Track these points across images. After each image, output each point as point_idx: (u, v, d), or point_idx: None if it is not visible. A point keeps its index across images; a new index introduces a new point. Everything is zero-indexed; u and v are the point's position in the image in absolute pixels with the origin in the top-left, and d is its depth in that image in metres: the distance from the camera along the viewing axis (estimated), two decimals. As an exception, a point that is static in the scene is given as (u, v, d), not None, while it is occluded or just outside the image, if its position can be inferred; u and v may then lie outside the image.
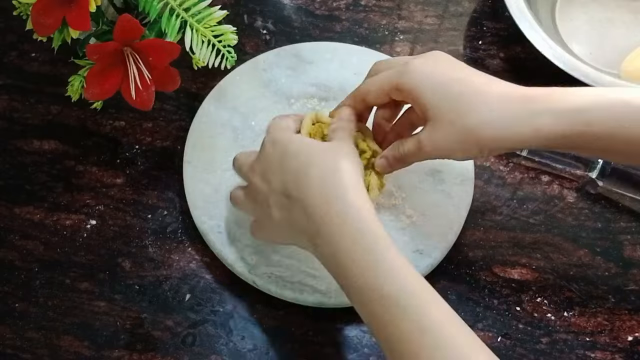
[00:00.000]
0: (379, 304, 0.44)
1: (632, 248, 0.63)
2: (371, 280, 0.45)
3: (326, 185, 0.48)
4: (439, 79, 0.51)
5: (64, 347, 0.59)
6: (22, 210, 0.65)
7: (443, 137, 0.50)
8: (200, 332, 0.60)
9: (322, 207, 0.48)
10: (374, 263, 0.45)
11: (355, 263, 0.46)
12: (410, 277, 0.45)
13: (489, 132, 0.49)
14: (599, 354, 0.59)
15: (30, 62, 0.73)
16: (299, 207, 0.49)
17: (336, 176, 0.49)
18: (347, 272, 0.46)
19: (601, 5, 0.76)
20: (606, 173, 0.63)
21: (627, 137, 0.47)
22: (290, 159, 0.50)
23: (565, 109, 0.48)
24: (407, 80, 0.51)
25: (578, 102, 0.48)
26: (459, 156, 0.52)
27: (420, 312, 0.43)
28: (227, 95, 0.68)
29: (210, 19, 0.60)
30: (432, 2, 0.77)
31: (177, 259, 0.63)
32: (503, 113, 0.49)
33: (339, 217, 0.47)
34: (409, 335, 0.43)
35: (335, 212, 0.47)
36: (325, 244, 0.48)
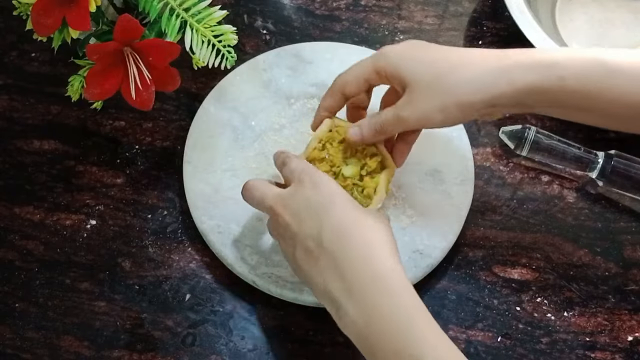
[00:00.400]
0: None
1: (632, 248, 0.63)
2: (405, 349, 0.44)
3: (367, 248, 0.47)
4: (415, 54, 0.52)
5: (64, 347, 0.59)
6: (22, 210, 0.65)
7: (421, 101, 0.51)
8: (200, 332, 0.60)
9: (359, 270, 0.46)
10: (412, 333, 0.44)
11: (390, 332, 0.44)
12: (443, 346, 0.44)
13: (465, 89, 0.50)
14: (599, 354, 0.59)
15: (30, 62, 0.73)
16: (330, 263, 0.47)
17: (377, 241, 0.48)
18: (379, 340, 0.45)
19: (601, 5, 0.76)
20: (606, 173, 0.63)
21: (601, 95, 0.48)
22: (334, 211, 0.49)
23: (538, 62, 0.49)
24: (385, 60, 0.53)
25: (551, 57, 0.49)
26: (438, 119, 0.52)
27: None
28: (227, 95, 0.68)
29: (210, 19, 0.60)
30: (432, 2, 0.77)
31: (177, 259, 0.63)
32: (478, 70, 0.50)
33: (376, 282, 0.46)
34: None
35: (374, 276, 0.46)
36: (356, 307, 0.46)
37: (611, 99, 0.48)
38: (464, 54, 0.52)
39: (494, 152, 0.68)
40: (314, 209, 0.49)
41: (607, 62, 0.48)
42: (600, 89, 0.48)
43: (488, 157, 0.67)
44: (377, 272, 0.46)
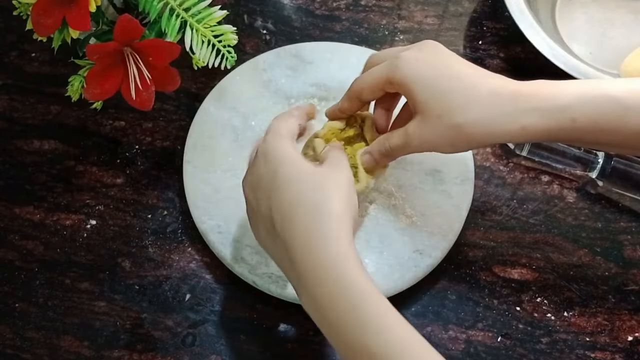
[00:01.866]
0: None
1: (632, 248, 0.63)
2: (357, 337, 0.42)
3: (310, 232, 0.45)
4: (429, 74, 0.51)
5: (64, 347, 0.59)
6: (22, 210, 0.65)
7: (430, 132, 0.51)
8: (200, 332, 0.60)
9: (304, 256, 0.45)
10: (360, 320, 0.42)
11: (340, 319, 0.43)
12: (397, 331, 0.43)
13: (477, 129, 0.49)
14: (599, 354, 0.59)
15: (30, 62, 0.73)
16: (282, 246, 0.47)
17: (323, 221, 0.45)
18: (330, 326, 0.44)
19: (601, 5, 0.76)
20: (606, 173, 0.63)
21: (611, 130, 0.48)
22: (278, 189, 0.48)
23: (551, 106, 0.48)
24: (399, 74, 0.51)
25: (563, 99, 0.48)
26: (446, 150, 0.52)
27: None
28: (227, 95, 0.68)
29: (210, 19, 0.60)
30: (432, 2, 0.77)
31: (177, 259, 0.63)
32: (491, 111, 0.49)
33: (321, 270, 0.44)
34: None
35: (318, 264, 0.44)
36: (307, 295, 0.45)
37: (627, 135, 0.48)
38: (478, 84, 0.50)
39: (494, 152, 0.68)
40: (263, 184, 0.49)
41: (620, 100, 0.47)
42: (615, 127, 0.48)
43: (488, 157, 0.67)
44: (321, 260, 0.44)
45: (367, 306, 0.43)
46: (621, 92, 0.48)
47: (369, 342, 0.42)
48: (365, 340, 0.42)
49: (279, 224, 0.47)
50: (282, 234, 0.47)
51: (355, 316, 0.43)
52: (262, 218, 0.49)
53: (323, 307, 0.44)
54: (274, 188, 0.48)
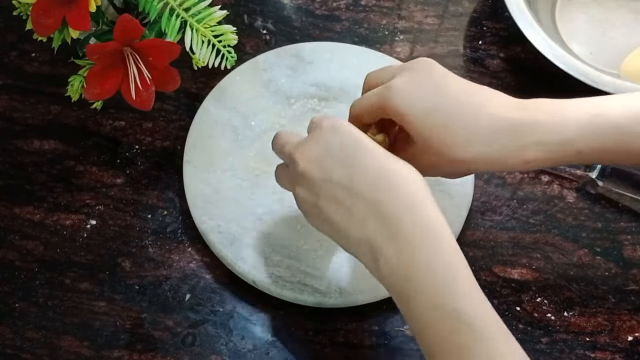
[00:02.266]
0: (451, 325, 0.42)
1: (632, 248, 0.63)
2: (446, 300, 0.42)
3: (409, 193, 0.45)
4: (424, 106, 0.49)
5: (64, 347, 0.59)
6: (22, 210, 0.65)
7: (431, 165, 0.50)
8: (200, 332, 0.60)
9: (404, 215, 0.44)
10: (452, 281, 0.43)
11: (432, 279, 0.43)
12: (485, 304, 0.43)
13: (479, 164, 0.49)
14: (599, 354, 0.59)
15: (30, 62, 0.73)
16: (369, 209, 0.45)
17: (418, 186, 0.46)
18: (420, 286, 0.43)
19: (601, 5, 0.76)
20: (606, 173, 0.63)
21: (615, 154, 0.48)
22: (365, 155, 0.47)
23: (553, 140, 0.48)
24: (390, 105, 0.50)
25: (566, 131, 0.48)
26: (448, 177, 0.53)
27: (494, 338, 0.42)
28: (227, 95, 0.68)
29: (210, 19, 0.60)
30: (432, 2, 0.77)
31: (177, 259, 0.63)
32: (492, 147, 0.48)
33: (421, 228, 0.44)
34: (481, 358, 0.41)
35: (419, 222, 0.44)
36: (397, 253, 0.44)
37: (631, 156, 0.48)
38: (478, 116, 0.49)
39: (494, 152, 0.68)
40: (338, 155, 0.47)
41: (622, 127, 0.47)
42: (618, 152, 0.48)
43: (488, 157, 0.67)
44: (423, 219, 0.45)
45: (460, 273, 0.43)
46: (621, 118, 0.47)
47: (459, 308, 0.42)
48: (457, 305, 0.42)
49: (366, 187, 0.46)
50: (373, 194, 0.45)
51: (449, 279, 0.43)
52: (333, 186, 0.47)
53: (416, 267, 0.43)
54: (356, 155, 0.47)
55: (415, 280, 0.43)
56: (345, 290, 0.59)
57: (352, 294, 0.59)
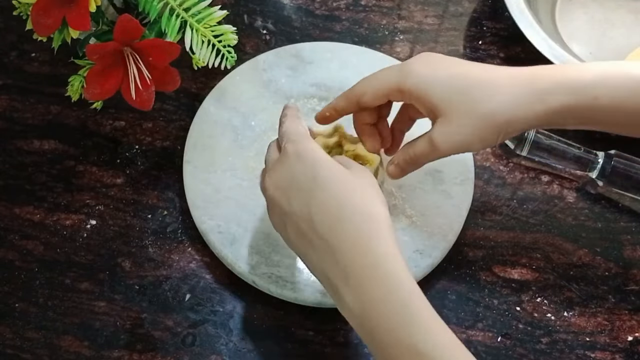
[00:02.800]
0: (410, 359, 0.42)
1: (632, 248, 0.63)
2: (404, 335, 0.42)
3: (360, 232, 0.45)
4: (443, 75, 0.51)
5: (64, 347, 0.59)
6: (22, 210, 0.65)
7: (458, 131, 0.50)
8: (200, 332, 0.60)
9: (355, 257, 0.45)
10: (409, 318, 0.43)
11: (387, 318, 0.43)
12: (444, 334, 0.43)
13: (504, 116, 0.49)
14: (599, 354, 0.59)
15: (30, 62, 0.73)
16: (325, 248, 0.46)
17: (372, 221, 0.46)
18: (376, 325, 0.44)
19: (601, 5, 0.76)
20: (606, 173, 0.63)
21: (630, 110, 0.49)
22: (321, 190, 0.47)
23: (573, 84, 0.49)
24: (410, 82, 0.51)
25: (585, 77, 0.49)
26: (476, 147, 0.51)
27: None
28: (227, 95, 0.68)
29: (210, 19, 0.60)
30: (432, 2, 0.77)
31: (177, 259, 0.63)
32: (514, 95, 0.49)
33: (371, 269, 0.44)
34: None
35: (369, 263, 0.44)
36: (352, 293, 0.45)
37: (637, 112, 0.48)
38: (493, 75, 0.50)
39: (494, 152, 0.68)
40: (299, 185, 0.48)
41: (636, 76, 0.48)
42: (635, 104, 0.48)
43: (488, 157, 0.67)
44: (372, 259, 0.45)
45: (416, 307, 0.43)
46: (637, 69, 0.48)
47: (416, 342, 0.42)
48: (414, 340, 0.42)
49: (322, 225, 0.46)
50: (327, 234, 0.46)
51: (404, 315, 0.43)
52: (297, 219, 0.47)
53: (370, 307, 0.44)
54: (315, 189, 0.47)
55: (372, 319, 0.44)
56: (345, 290, 0.59)
57: (352, 294, 0.59)
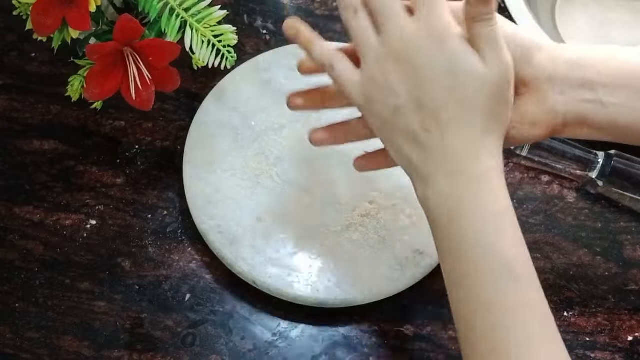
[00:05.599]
0: (487, 263, 0.43)
1: (632, 248, 0.63)
2: (479, 237, 0.44)
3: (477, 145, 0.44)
4: None
5: (64, 347, 0.59)
6: (22, 210, 0.65)
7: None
8: (200, 332, 0.60)
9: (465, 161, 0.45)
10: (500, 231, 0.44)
11: (480, 222, 0.44)
12: (527, 258, 0.45)
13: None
14: (599, 354, 0.59)
15: (30, 62, 0.73)
16: (437, 144, 0.45)
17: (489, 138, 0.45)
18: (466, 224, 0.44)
19: (601, 5, 0.76)
20: (606, 173, 0.63)
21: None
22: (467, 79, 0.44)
23: None
24: None
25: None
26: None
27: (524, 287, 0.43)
28: (227, 95, 0.68)
29: (210, 19, 0.60)
30: (432, 2, 0.77)
31: (177, 259, 0.63)
32: None
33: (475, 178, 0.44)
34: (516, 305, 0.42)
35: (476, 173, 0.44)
36: (448, 186, 0.45)
37: None
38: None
39: (494, 152, 0.68)
40: (437, 76, 0.45)
41: None
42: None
43: (488, 157, 0.67)
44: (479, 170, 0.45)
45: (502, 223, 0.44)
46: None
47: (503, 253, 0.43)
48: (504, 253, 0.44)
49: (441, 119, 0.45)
50: (444, 131, 0.45)
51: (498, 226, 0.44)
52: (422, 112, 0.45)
53: (460, 205, 0.45)
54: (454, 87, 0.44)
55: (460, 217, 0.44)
56: (345, 290, 0.59)
57: (352, 294, 0.59)
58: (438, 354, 0.59)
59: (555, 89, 0.46)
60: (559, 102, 0.46)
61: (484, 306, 0.43)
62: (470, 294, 0.44)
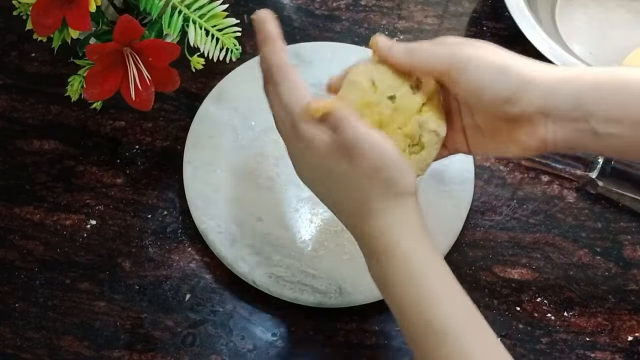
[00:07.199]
0: (424, 332, 0.43)
1: (632, 248, 0.63)
2: (418, 312, 0.44)
3: (378, 222, 0.46)
4: None
5: (64, 347, 0.59)
6: (22, 210, 0.65)
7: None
8: (200, 332, 0.60)
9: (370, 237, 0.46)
10: (422, 294, 0.44)
11: (404, 295, 0.44)
12: (456, 308, 0.44)
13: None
14: (599, 354, 0.59)
15: (30, 62, 0.73)
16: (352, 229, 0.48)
17: (390, 205, 0.45)
18: (396, 300, 0.45)
19: (601, 5, 0.76)
20: (606, 173, 0.63)
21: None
22: (337, 183, 0.46)
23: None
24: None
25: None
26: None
27: (462, 343, 0.42)
28: (227, 95, 0.68)
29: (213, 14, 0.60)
30: (432, 2, 0.77)
31: (177, 259, 0.63)
32: None
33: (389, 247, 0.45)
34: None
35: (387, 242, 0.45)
36: (375, 268, 0.46)
37: None
38: None
39: (494, 152, 0.68)
40: (321, 177, 0.48)
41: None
42: None
43: (488, 157, 0.67)
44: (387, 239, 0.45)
45: (427, 281, 0.44)
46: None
47: (430, 319, 0.43)
48: (428, 316, 0.43)
49: (344, 215, 0.48)
50: (350, 221, 0.48)
51: (413, 284, 0.44)
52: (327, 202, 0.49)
53: (387, 282, 0.46)
54: (335, 181, 0.47)
55: (392, 295, 0.45)
56: (345, 290, 0.59)
57: (352, 294, 0.59)
58: (438, 354, 0.59)
59: (547, 121, 0.46)
60: (550, 132, 0.46)
61: None
62: None
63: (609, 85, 0.46)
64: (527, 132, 0.47)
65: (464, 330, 0.43)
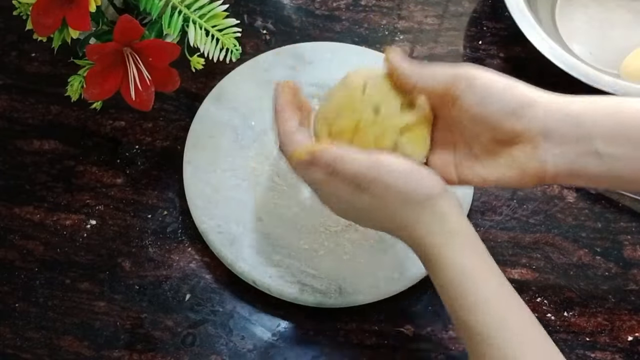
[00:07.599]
0: (468, 333, 0.45)
1: (632, 248, 0.63)
2: (459, 312, 0.46)
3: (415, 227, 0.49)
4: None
5: (64, 347, 0.59)
6: (22, 210, 0.65)
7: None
8: (200, 332, 0.60)
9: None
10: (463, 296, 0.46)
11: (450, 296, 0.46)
12: (497, 311, 0.45)
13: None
14: (599, 354, 0.59)
15: (30, 62, 0.73)
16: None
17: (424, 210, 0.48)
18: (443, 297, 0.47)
19: (601, 5, 0.76)
20: (606, 173, 0.63)
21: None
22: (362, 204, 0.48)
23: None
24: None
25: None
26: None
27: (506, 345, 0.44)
28: (227, 95, 0.68)
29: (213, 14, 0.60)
30: (432, 2, 0.77)
31: (177, 259, 0.63)
32: None
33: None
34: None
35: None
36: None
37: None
38: None
39: (494, 152, 0.68)
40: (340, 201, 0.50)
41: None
42: None
43: (488, 157, 0.67)
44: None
45: (464, 285, 0.46)
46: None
47: (468, 318, 0.45)
48: (464, 313, 0.45)
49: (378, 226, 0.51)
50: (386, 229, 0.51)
51: (459, 291, 0.46)
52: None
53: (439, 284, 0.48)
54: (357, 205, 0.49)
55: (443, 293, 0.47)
56: (345, 290, 0.59)
57: (352, 294, 0.59)
58: (438, 354, 0.59)
59: (548, 142, 0.46)
60: (549, 155, 0.46)
61: None
62: None
63: (610, 110, 0.46)
64: (526, 153, 0.47)
65: (509, 335, 0.44)
